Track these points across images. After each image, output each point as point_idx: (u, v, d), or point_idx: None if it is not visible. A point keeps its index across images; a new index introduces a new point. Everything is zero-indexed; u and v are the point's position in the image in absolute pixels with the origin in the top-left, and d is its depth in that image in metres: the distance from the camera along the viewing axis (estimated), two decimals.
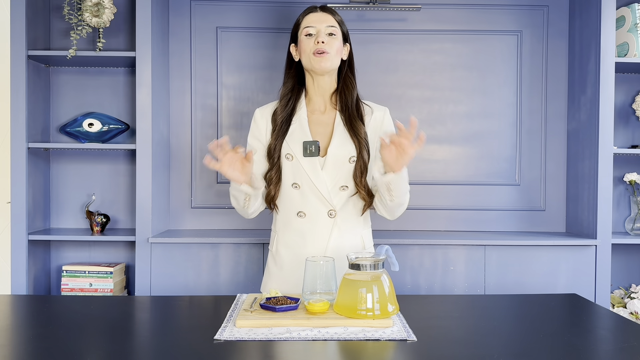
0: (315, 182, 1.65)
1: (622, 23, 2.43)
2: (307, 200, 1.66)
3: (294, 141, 1.67)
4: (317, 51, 1.65)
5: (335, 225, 1.67)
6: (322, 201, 1.66)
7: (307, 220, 1.67)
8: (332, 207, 1.67)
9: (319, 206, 1.66)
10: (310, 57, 1.67)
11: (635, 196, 2.51)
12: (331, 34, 1.68)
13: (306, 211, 1.67)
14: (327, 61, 1.66)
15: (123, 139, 2.54)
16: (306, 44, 1.68)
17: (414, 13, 2.54)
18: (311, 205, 1.67)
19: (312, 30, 1.68)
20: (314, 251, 1.66)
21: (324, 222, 1.67)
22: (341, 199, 1.68)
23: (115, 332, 1.33)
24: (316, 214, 1.67)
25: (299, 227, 1.68)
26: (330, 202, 1.66)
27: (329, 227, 1.67)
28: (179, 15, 2.54)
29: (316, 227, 1.67)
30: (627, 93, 2.59)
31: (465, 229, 2.56)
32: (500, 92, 2.56)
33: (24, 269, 2.27)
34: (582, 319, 1.48)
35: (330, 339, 1.23)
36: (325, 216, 1.67)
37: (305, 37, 1.69)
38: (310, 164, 1.65)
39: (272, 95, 2.48)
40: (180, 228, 2.55)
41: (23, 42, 2.26)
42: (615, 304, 2.37)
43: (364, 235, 1.75)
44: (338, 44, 1.69)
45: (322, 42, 1.65)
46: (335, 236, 1.67)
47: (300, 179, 1.66)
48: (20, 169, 2.28)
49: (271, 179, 1.68)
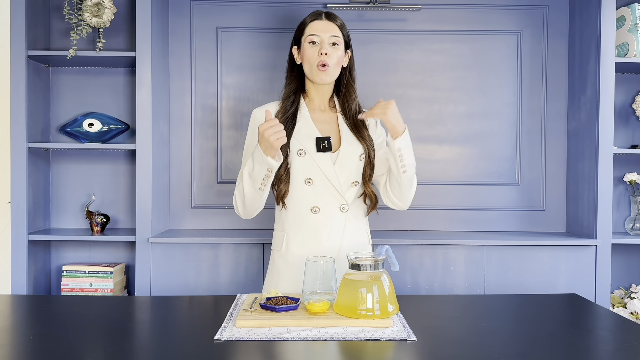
0: (330, 177, 1.67)
1: (622, 23, 2.43)
2: (320, 195, 1.68)
3: (303, 137, 1.69)
4: (321, 63, 1.67)
5: (347, 220, 1.70)
6: (334, 196, 1.69)
7: (321, 215, 1.69)
8: (344, 202, 1.70)
9: (332, 201, 1.69)
10: (313, 68, 1.70)
11: (635, 196, 2.51)
12: (334, 44, 1.70)
13: (320, 206, 1.69)
14: (328, 75, 1.70)
15: (123, 139, 2.54)
16: (310, 53, 1.70)
17: (414, 13, 2.54)
18: (324, 200, 1.69)
19: (316, 38, 1.69)
20: (330, 246, 1.68)
21: (337, 216, 1.69)
22: (352, 195, 1.72)
23: (115, 332, 1.33)
24: (330, 209, 1.69)
25: (313, 223, 1.69)
26: (343, 196, 1.69)
27: (342, 222, 1.70)
28: (179, 15, 2.54)
29: (330, 222, 1.69)
30: (627, 93, 2.59)
31: (465, 229, 2.56)
32: (500, 92, 2.56)
33: (24, 269, 2.27)
34: (582, 319, 1.48)
35: (330, 339, 1.23)
36: (338, 210, 1.69)
37: (309, 44, 1.70)
38: (323, 159, 1.67)
39: (272, 95, 2.48)
40: (180, 228, 2.55)
41: (23, 42, 2.26)
42: (615, 304, 2.37)
43: (368, 232, 1.81)
44: (340, 54, 1.71)
45: (326, 54, 1.67)
46: (349, 231, 1.70)
47: (313, 174, 1.68)
48: (20, 169, 2.28)
49: (280, 176, 1.69)
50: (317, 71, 1.68)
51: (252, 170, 1.60)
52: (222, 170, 2.55)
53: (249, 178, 1.62)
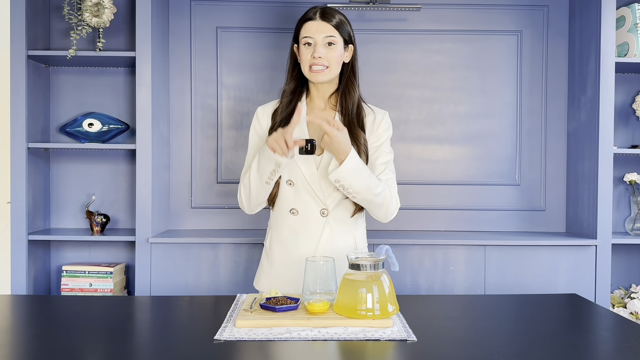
0: (310, 180, 1.65)
1: (622, 23, 2.43)
2: (301, 197, 1.67)
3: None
4: (313, 65, 1.63)
5: (327, 224, 1.67)
6: (315, 200, 1.66)
7: (300, 217, 1.67)
8: (324, 206, 1.66)
9: (312, 204, 1.67)
10: (306, 69, 1.66)
11: (635, 196, 2.51)
12: (330, 44, 1.64)
13: (299, 209, 1.67)
14: (322, 76, 1.65)
15: (123, 139, 2.54)
16: (304, 55, 1.66)
17: (414, 13, 2.54)
18: (304, 203, 1.67)
19: (310, 40, 1.65)
20: (306, 249, 1.66)
21: (316, 220, 1.67)
22: (335, 199, 1.67)
23: (115, 332, 1.33)
24: (309, 212, 1.67)
25: (291, 224, 1.68)
26: (323, 201, 1.66)
27: (320, 225, 1.67)
28: (179, 15, 2.54)
29: (308, 225, 1.67)
30: (627, 93, 2.59)
31: (465, 229, 2.56)
32: (500, 92, 2.56)
33: (24, 269, 2.27)
34: (582, 319, 1.48)
35: (330, 339, 1.23)
36: (317, 215, 1.67)
37: (304, 45, 1.66)
38: (305, 162, 1.65)
39: (272, 95, 2.48)
40: (180, 228, 2.55)
41: (23, 42, 2.26)
42: (615, 304, 2.37)
43: (357, 236, 1.74)
44: (337, 53, 1.65)
45: (319, 57, 1.63)
46: (326, 236, 1.67)
47: (294, 176, 1.66)
48: (20, 169, 2.28)
49: None
50: (309, 73, 1.65)
51: (259, 164, 1.60)
52: (222, 170, 2.55)
53: (257, 172, 1.61)
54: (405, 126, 2.56)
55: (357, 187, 1.58)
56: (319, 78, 1.65)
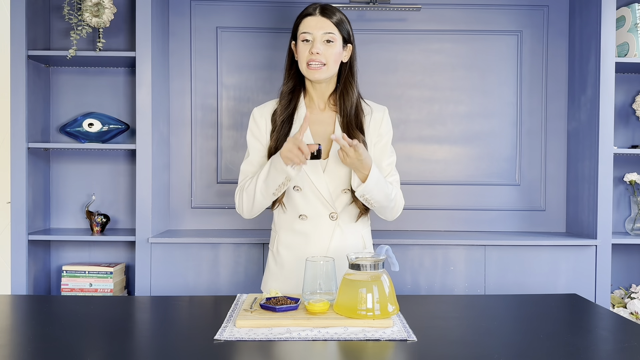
0: (317, 185, 1.64)
1: (622, 23, 2.43)
2: (309, 202, 1.66)
3: None
4: (310, 61, 1.61)
5: (337, 226, 1.67)
6: (323, 204, 1.66)
7: (309, 222, 1.67)
8: (333, 210, 1.66)
9: (321, 209, 1.66)
10: (304, 66, 1.64)
11: (635, 196, 2.51)
12: (329, 41, 1.62)
13: (308, 214, 1.67)
14: (320, 73, 1.62)
15: (123, 139, 2.54)
16: (302, 51, 1.64)
17: (414, 13, 2.54)
18: (313, 207, 1.66)
19: (308, 36, 1.62)
20: (316, 252, 1.66)
21: (326, 224, 1.66)
22: (343, 202, 1.67)
23: (115, 332, 1.33)
24: (318, 217, 1.66)
25: (301, 229, 1.68)
26: (332, 205, 1.65)
27: (330, 229, 1.67)
28: (179, 15, 2.54)
29: (318, 229, 1.67)
30: (627, 93, 2.59)
31: (465, 229, 2.56)
32: (501, 92, 2.56)
33: (24, 269, 2.27)
34: (582, 319, 1.48)
35: (330, 339, 1.23)
36: (327, 219, 1.66)
37: (302, 42, 1.63)
38: (312, 166, 1.63)
39: (272, 95, 2.47)
40: (180, 228, 2.55)
41: (23, 42, 2.26)
42: (616, 304, 2.37)
43: (365, 235, 1.75)
44: (336, 50, 1.63)
45: (317, 53, 1.60)
46: (337, 237, 1.67)
47: (301, 181, 1.65)
48: (20, 169, 2.28)
49: None
50: (307, 69, 1.63)
51: (268, 176, 1.58)
52: (222, 170, 2.55)
53: (264, 182, 1.59)
54: (405, 126, 2.56)
55: (378, 197, 1.61)
56: (316, 75, 1.62)
